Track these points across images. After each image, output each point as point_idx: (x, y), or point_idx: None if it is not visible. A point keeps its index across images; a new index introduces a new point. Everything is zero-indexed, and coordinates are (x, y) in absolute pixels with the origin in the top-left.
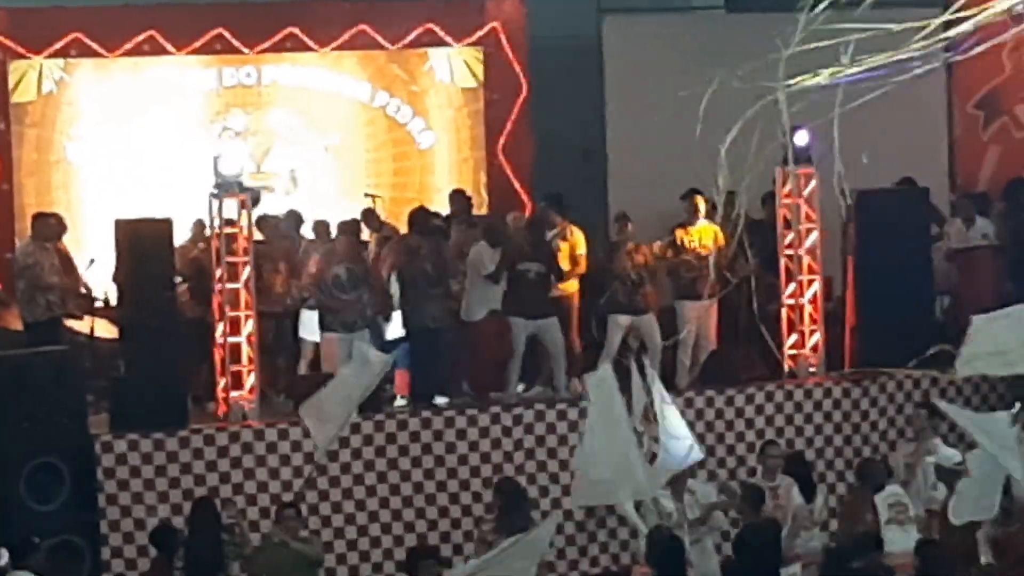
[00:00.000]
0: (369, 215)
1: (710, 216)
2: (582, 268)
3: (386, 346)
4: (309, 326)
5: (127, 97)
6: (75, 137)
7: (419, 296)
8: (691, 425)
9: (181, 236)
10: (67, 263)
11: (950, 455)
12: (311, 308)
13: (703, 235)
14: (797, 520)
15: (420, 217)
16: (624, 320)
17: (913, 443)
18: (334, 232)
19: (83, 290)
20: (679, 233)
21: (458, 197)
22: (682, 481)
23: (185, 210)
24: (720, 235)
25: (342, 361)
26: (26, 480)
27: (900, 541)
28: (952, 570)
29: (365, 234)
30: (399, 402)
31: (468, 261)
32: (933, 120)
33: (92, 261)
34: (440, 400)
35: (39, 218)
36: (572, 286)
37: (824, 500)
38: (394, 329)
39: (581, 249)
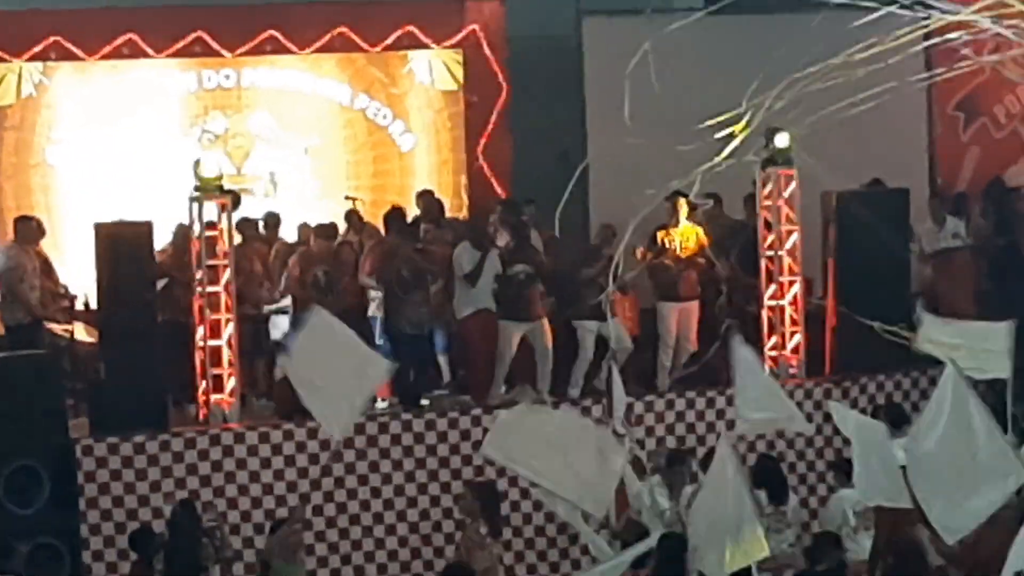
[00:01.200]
0: (351, 217)
1: (692, 217)
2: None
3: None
4: (280, 330)
5: (107, 100)
6: (55, 140)
7: (395, 300)
8: (671, 427)
9: (161, 239)
10: (46, 266)
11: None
12: (283, 312)
13: (685, 236)
14: None
15: (395, 218)
16: (593, 325)
17: None
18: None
19: (62, 293)
20: (660, 235)
21: (425, 197)
22: (680, 479)
23: (165, 213)
24: (703, 236)
25: None
26: (5, 483)
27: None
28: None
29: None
30: (380, 405)
31: (454, 262)
32: (913, 122)
33: None
34: (421, 403)
35: (21, 221)
36: None
37: (799, 502)
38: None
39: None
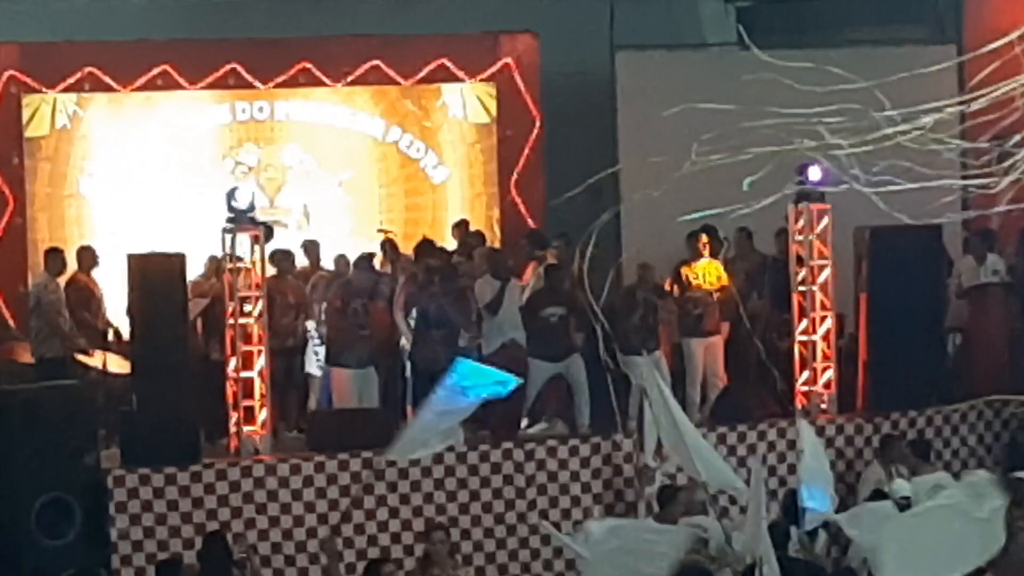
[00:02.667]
0: (386, 246)
1: (715, 253)
2: None
3: (403, 382)
4: (315, 362)
5: (140, 131)
6: (88, 171)
7: (420, 336)
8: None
9: (194, 271)
10: (88, 297)
11: (897, 488)
12: (318, 344)
13: (707, 272)
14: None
15: (424, 251)
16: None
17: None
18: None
19: (100, 325)
20: (684, 270)
21: (461, 229)
22: (672, 519)
23: (198, 245)
24: (723, 272)
25: (353, 396)
26: (37, 515)
27: None
28: None
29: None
30: None
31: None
32: (946, 156)
33: None
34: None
35: (51, 253)
36: None
37: (826, 539)
38: None
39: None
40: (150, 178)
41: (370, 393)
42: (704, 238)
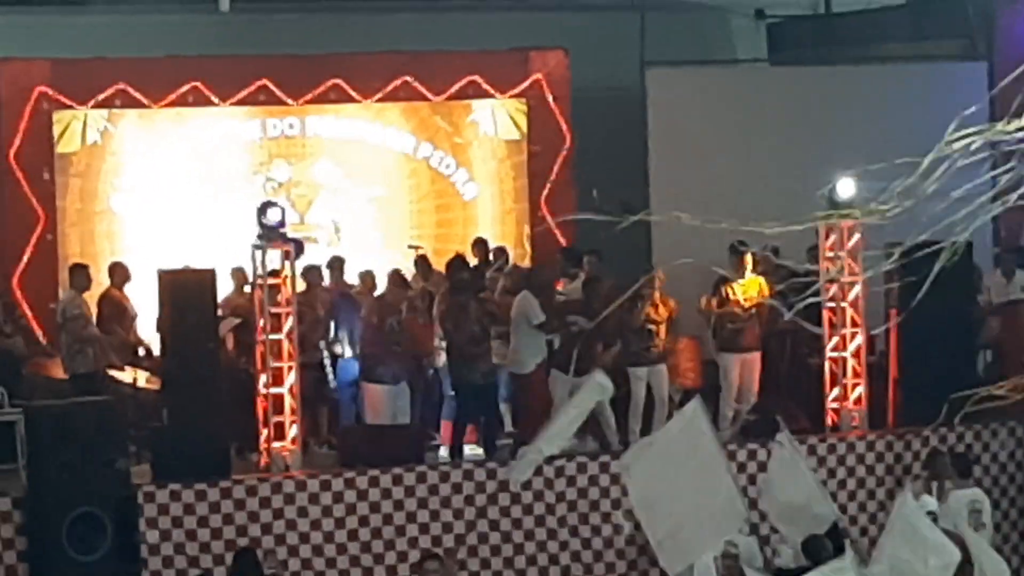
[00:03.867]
0: (420, 263)
1: (756, 269)
2: None
3: (440, 400)
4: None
5: (171, 147)
6: (119, 187)
7: (465, 353)
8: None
9: (224, 287)
10: (121, 312)
11: (924, 503)
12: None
13: (749, 288)
14: None
15: (456, 268)
16: (642, 372)
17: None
18: (380, 282)
19: (132, 341)
20: (724, 287)
21: (480, 246)
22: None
23: (228, 261)
24: (766, 287)
25: (387, 412)
26: (68, 530)
27: None
28: None
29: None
30: (443, 453)
31: (515, 312)
32: (977, 172)
33: None
34: (478, 452)
35: (76, 268)
36: None
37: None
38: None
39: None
40: (180, 194)
41: (403, 409)
42: (748, 255)
